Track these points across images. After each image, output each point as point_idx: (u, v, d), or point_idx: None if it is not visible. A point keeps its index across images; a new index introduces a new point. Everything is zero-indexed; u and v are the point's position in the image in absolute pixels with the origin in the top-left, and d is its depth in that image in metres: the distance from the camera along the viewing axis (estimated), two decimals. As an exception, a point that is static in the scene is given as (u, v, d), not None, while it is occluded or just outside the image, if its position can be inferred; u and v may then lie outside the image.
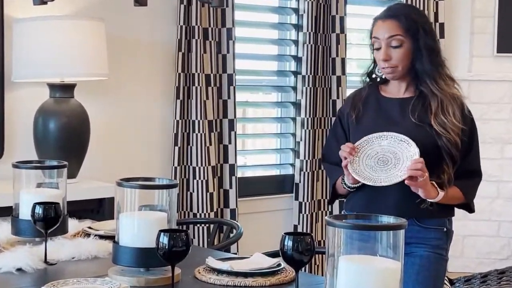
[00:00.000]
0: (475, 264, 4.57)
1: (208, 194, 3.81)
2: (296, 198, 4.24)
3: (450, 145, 2.19)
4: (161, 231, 1.84)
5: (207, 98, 3.81)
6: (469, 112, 2.33)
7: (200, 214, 3.78)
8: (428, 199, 2.21)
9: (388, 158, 2.24)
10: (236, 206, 3.92)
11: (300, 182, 4.21)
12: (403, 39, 2.23)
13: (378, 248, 1.52)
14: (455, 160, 2.23)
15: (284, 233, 1.83)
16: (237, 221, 3.36)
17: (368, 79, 2.44)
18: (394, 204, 2.23)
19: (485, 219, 4.52)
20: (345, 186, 2.37)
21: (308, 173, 4.16)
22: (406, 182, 2.13)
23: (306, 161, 4.20)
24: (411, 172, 2.09)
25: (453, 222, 2.32)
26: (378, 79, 2.40)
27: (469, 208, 2.35)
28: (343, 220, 1.57)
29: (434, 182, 2.19)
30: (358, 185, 2.31)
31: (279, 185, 4.34)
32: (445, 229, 2.24)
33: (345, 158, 2.22)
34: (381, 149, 2.26)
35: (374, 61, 2.38)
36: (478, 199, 2.34)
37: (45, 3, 2.12)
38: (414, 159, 2.14)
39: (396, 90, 2.32)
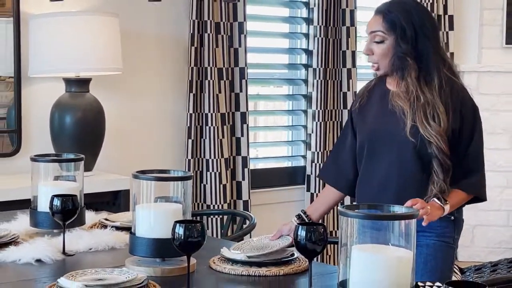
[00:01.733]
0: (485, 253, 4.58)
1: (221, 186, 3.82)
2: (308, 190, 4.25)
3: (438, 151, 2.09)
4: (176, 222, 1.83)
5: (220, 91, 3.81)
6: (472, 108, 2.22)
7: (214, 206, 3.79)
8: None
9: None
10: (249, 198, 3.94)
11: (311, 173, 4.22)
12: (385, 35, 2.15)
13: (390, 237, 1.54)
14: (445, 167, 2.12)
15: (298, 224, 1.84)
16: (250, 212, 3.37)
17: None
18: (397, 195, 2.16)
19: (495, 209, 4.55)
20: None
21: (320, 164, 4.13)
22: (422, 222, 1.97)
23: (318, 153, 4.19)
24: (421, 212, 1.92)
25: (463, 211, 2.25)
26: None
27: (480, 200, 2.28)
28: (356, 210, 1.59)
29: (435, 200, 2.08)
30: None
31: (291, 176, 4.35)
32: (452, 217, 2.18)
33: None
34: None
35: None
36: (488, 189, 2.25)
37: None
38: (410, 201, 1.97)
39: (395, 83, 2.22)
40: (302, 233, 1.80)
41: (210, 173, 3.81)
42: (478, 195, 2.26)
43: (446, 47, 4.46)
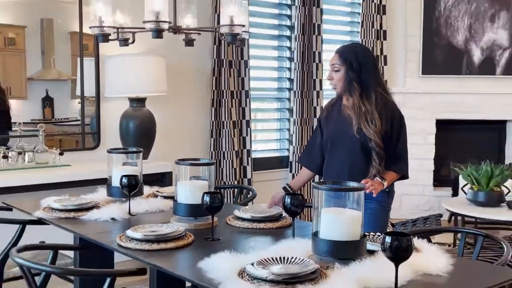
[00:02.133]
0: (409, 213, 4.45)
1: (233, 169, 3.78)
2: (290, 171, 4.20)
3: (375, 145, 2.07)
4: (204, 193, 1.84)
5: (232, 106, 3.77)
6: (399, 116, 2.20)
7: (228, 182, 3.75)
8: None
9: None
10: (251, 177, 3.88)
11: (293, 160, 4.17)
12: (340, 67, 2.14)
13: (347, 203, 1.54)
14: (381, 155, 2.09)
15: (285, 194, 1.85)
16: (252, 187, 3.29)
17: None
18: (349, 174, 2.12)
19: (414, 184, 4.36)
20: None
21: (298, 154, 4.08)
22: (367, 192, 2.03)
23: (297, 147, 4.13)
24: (368, 190, 1.97)
25: (394, 185, 2.22)
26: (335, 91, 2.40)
27: (405, 178, 2.27)
28: (324, 185, 1.60)
29: (377, 178, 2.07)
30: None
31: (279, 162, 4.28)
32: (387, 190, 2.16)
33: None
34: None
35: None
36: (410, 170, 2.23)
37: (127, 45, 2.03)
38: (364, 180, 1.99)
39: (346, 99, 2.17)
40: (288, 200, 1.80)
41: (226, 161, 3.76)
42: (404, 174, 2.25)
43: (382, 75, 4.38)
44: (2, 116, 3.03)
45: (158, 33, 1.95)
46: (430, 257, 1.56)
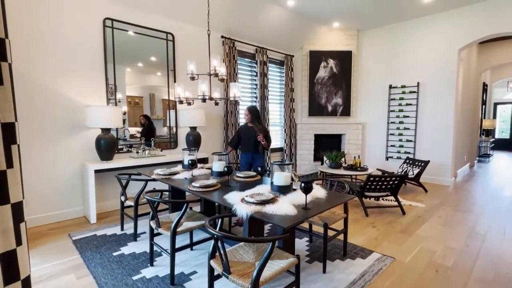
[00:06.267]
0: (304, 172, 5.69)
1: (236, 154, 4.60)
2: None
3: (262, 141, 3.11)
4: (224, 166, 2.57)
5: (232, 129, 4.63)
6: (266, 130, 3.23)
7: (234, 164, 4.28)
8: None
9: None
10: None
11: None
12: (249, 113, 3.28)
13: (285, 169, 2.23)
14: (265, 145, 3.13)
15: (258, 167, 2.53)
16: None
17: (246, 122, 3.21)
18: (252, 150, 3.22)
19: (305, 160, 6.15)
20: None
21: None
22: (258, 139, 3.03)
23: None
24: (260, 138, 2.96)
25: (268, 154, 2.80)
26: (246, 121, 3.21)
27: (268, 148, 3.20)
28: (275, 162, 2.25)
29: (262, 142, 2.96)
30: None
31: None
32: (267, 156, 2.99)
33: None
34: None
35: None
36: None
37: (189, 104, 3.05)
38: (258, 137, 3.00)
39: (251, 123, 3.25)
40: (259, 170, 2.59)
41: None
42: (268, 144, 3.20)
43: (292, 116, 5.76)
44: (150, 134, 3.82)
45: (203, 100, 2.74)
46: (317, 191, 2.30)
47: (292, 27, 4.89)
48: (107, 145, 3.41)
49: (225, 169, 2.75)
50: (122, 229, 3.18)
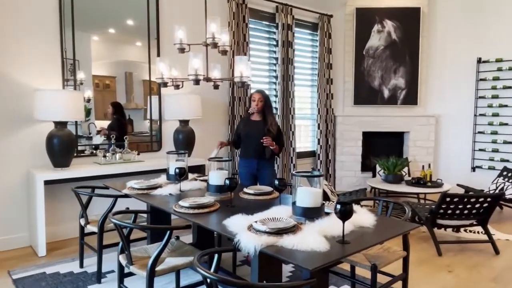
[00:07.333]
0: (346, 187, 5.44)
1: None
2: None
3: (273, 135, 2.90)
4: (226, 178, 2.13)
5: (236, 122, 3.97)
6: (278, 126, 3.02)
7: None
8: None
9: None
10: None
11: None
12: (263, 101, 3.03)
13: (312, 183, 1.82)
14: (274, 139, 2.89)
15: (275, 179, 2.13)
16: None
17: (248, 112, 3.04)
18: (257, 156, 3.04)
19: (349, 169, 5.49)
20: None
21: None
22: (264, 144, 2.92)
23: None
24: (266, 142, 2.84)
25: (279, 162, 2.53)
26: (250, 112, 3.05)
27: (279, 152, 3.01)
28: (298, 173, 1.84)
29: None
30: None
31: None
32: (276, 165, 2.80)
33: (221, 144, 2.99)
34: None
35: (250, 105, 3.08)
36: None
37: (178, 88, 2.60)
38: (264, 137, 2.85)
39: (255, 116, 3.03)
40: (276, 182, 2.10)
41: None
42: (279, 146, 3.01)
43: (329, 105, 5.12)
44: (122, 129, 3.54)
45: (196, 82, 2.31)
46: (362, 216, 1.85)
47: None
48: (62, 146, 2.96)
49: (227, 182, 2.13)
50: (81, 265, 2.72)
